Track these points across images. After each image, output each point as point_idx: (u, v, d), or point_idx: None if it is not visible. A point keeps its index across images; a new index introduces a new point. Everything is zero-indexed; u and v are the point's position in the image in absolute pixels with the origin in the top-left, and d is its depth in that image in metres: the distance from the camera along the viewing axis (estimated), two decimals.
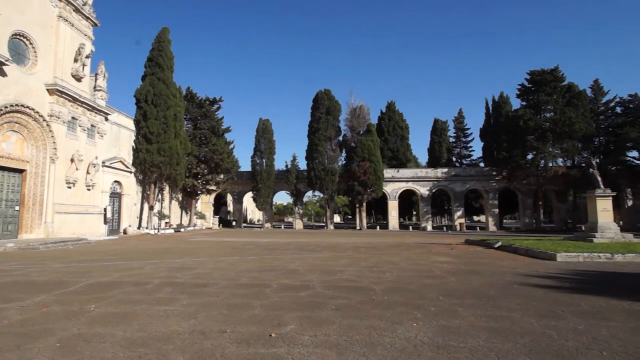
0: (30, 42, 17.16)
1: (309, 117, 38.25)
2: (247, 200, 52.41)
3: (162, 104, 24.59)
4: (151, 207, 26.25)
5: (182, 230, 29.01)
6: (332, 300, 5.36)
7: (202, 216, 36.86)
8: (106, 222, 21.55)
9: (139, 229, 25.32)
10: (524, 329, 4.00)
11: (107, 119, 22.22)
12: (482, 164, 43.56)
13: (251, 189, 39.10)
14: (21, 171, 16.84)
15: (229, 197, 46.90)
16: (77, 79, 19.65)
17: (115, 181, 23.32)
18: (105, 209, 21.51)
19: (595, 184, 15.63)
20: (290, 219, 63.58)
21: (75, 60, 19.46)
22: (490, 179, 37.62)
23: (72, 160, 18.82)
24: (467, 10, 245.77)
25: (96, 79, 21.54)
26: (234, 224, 41.00)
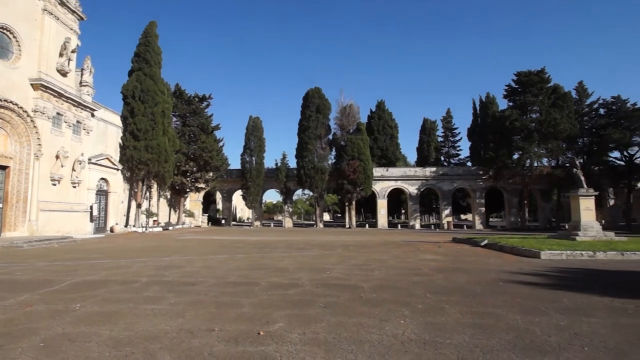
0: (13, 36, 16.73)
1: (299, 115, 38.23)
2: (237, 198, 52.12)
3: (150, 100, 24.24)
4: (139, 205, 25.89)
5: (171, 228, 28.70)
6: (320, 298, 5.38)
7: (190, 214, 36.52)
8: (92, 220, 21.18)
9: (126, 227, 24.96)
10: (508, 325, 4.07)
11: (93, 115, 21.81)
12: (469, 164, 44.07)
13: (241, 187, 38.93)
14: (4, 168, 16.43)
15: (218, 195, 46.58)
16: (63, 73, 19.24)
17: (101, 178, 22.93)
18: (91, 207, 21.15)
19: (578, 184, 15.94)
20: (279, 217, 63.42)
21: (60, 54, 19.04)
22: (477, 178, 38.15)
23: (57, 156, 18.42)
24: (456, 11, 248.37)
25: (82, 74, 21.12)
26: (223, 222, 40.72)
